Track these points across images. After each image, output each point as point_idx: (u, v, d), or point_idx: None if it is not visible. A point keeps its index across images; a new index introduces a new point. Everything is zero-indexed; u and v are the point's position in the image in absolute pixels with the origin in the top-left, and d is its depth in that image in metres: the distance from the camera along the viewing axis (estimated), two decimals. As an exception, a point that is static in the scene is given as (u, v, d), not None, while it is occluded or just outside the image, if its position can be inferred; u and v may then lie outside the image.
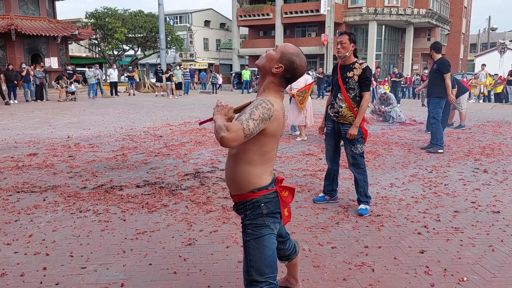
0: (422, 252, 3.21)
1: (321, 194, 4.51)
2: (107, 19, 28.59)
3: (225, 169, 2.11)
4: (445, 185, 5.12)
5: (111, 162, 6.22)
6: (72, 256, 3.12)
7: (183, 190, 4.81)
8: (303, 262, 3.04)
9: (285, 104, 2.08)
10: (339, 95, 4.04)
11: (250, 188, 1.98)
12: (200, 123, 2.31)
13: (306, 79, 8.25)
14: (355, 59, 4.03)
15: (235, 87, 26.79)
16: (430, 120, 7.36)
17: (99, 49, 33.09)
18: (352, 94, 4.00)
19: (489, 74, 20.01)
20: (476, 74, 20.77)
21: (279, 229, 2.24)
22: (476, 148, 7.51)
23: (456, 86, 9.22)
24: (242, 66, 31.66)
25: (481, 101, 19.70)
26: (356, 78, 3.96)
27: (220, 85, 28.06)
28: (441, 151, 7.09)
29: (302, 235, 3.54)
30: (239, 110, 2.03)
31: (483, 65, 19.63)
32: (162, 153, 6.93)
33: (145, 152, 6.95)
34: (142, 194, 4.65)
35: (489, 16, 50.95)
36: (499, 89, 19.55)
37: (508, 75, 18.38)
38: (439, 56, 7.18)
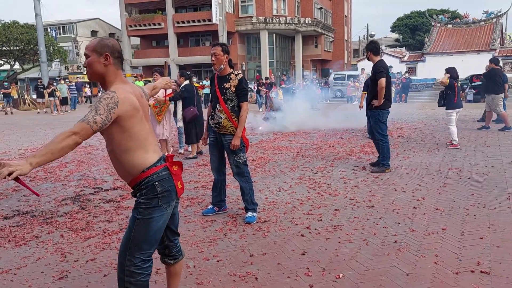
0: (304, 254, 3.31)
1: (210, 206, 4.45)
2: (-25, 31, 25.57)
3: (112, 165, 2.17)
4: (328, 184, 5.41)
5: (-25, 193, 5.46)
6: None
7: (59, 217, 4.38)
8: (187, 280, 2.94)
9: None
10: (218, 106, 4.03)
11: (139, 170, 2.05)
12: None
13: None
14: (231, 70, 4.05)
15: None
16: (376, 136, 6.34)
17: (-33, 63, 29.50)
18: (231, 105, 4.01)
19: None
20: (357, 77, 22.70)
21: (174, 222, 2.31)
22: (357, 147, 8.11)
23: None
24: (135, 78, 30.42)
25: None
26: (233, 89, 3.98)
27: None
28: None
29: (188, 252, 3.43)
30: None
31: (362, 69, 21.52)
32: (39, 177, 6.28)
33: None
34: (9, 226, 4.13)
35: (367, 24, 56.34)
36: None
37: None
38: (378, 59, 6.05)
